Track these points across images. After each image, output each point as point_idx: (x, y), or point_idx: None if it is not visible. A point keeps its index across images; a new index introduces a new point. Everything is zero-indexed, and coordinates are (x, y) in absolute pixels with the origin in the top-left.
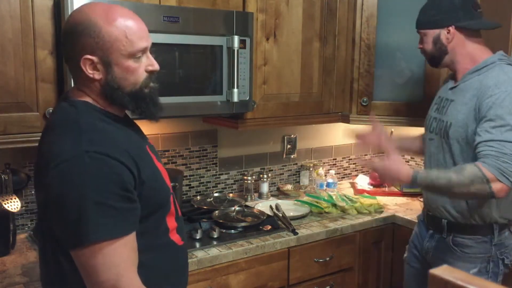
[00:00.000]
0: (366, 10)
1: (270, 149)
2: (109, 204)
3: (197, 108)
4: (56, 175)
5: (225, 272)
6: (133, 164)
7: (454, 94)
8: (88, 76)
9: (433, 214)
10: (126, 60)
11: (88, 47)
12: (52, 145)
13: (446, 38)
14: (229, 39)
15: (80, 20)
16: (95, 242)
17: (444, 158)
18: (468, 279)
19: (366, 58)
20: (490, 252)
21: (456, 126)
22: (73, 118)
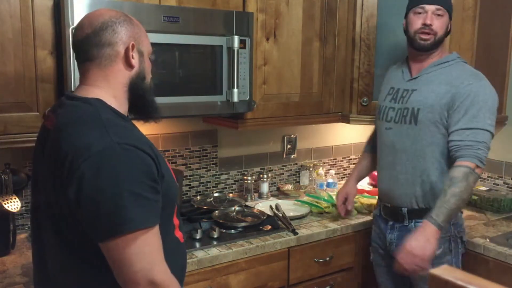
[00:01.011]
0: (366, 10)
1: (270, 149)
2: (142, 194)
3: (197, 108)
4: (91, 165)
5: (225, 272)
6: (155, 157)
7: (415, 84)
8: (126, 63)
9: (392, 205)
10: (147, 56)
11: (130, 35)
12: (77, 140)
13: (448, 27)
14: (229, 39)
15: (119, 14)
16: (131, 231)
17: (409, 142)
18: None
19: (366, 58)
20: (450, 231)
21: (425, 111)
22: (93, 114)
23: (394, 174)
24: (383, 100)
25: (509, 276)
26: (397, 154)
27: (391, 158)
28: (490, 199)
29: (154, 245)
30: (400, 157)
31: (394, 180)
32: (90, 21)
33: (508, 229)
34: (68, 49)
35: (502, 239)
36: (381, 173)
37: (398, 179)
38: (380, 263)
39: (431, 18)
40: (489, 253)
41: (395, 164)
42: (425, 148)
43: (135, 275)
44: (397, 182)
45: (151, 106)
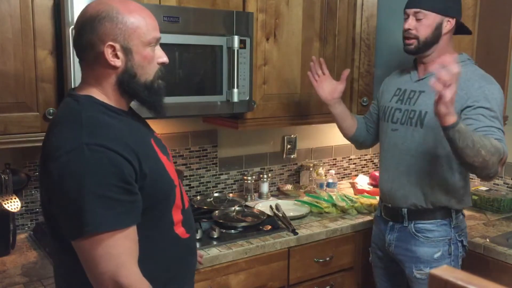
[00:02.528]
0: (366, 10)
1: (270, 149)
2: (109, 196)
3: (197, 108)
4: (57, 167)
5: (225, 272)
6: (134, 157)
7: (423, 85)
8: (107, 64)
9: (393, 205)
10: (145, 48)
11: (110, 34)
12: (53, 138)
13: (445, 27)
14: (229, 39)
15: (101, 8)
16: (95, 233)
17: (414, 144)
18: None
19: (366, 58)
20: (450, 234)
21: (433, 114)
22: (75, 112)
23: (396, 175)
24: (388, 101)
25: (509, 276)
26: (402, 155)
27: (395, 159)
28: (490, 199)
29: (123, 247)
30: (404, 158)
31: (396, 181)
32: (77, 20)
33: (508, 229)
34: (68, 49)
35: (502, 239)
36: (384, 173)
37: (400, 180)
38: (378, 264)
39: (410, 22)
40: (489, 253)
41: (398, 165)
42: (431, 150)
43: (101, 277)
44: (400, 183)
45: (149, 103)
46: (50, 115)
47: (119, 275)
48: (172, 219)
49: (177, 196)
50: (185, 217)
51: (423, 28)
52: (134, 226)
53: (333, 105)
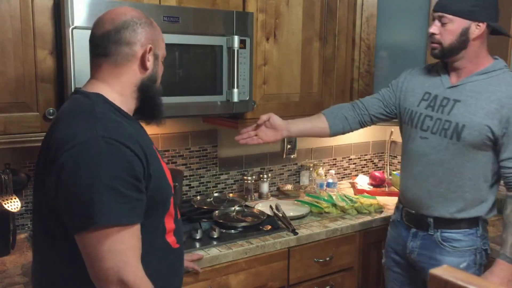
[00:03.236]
0: (366, 10)
1: (270, 149)
2: (120, 190)
3: (197, 108)
4: (71, 156)
5: (225, 272)
6: (143, 155)
7: (458, 94)
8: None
9: (417, 212)
10: (161, 61)
11: (150, 38)
12: (65, 130)
13: (473, 32)
14: (229, 39)
15: (141, 14)
16: (104, 226)
17: (448, 156)
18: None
19: (366, 58)
20: (476, 244)
21: (472, 129)
22: (88, 107)
23: (425, 186)
24: (416, 105)
25: None
26: (431, 166)
27: (422, 168)
28: None
29: (129, 243)
30: (435, 170)
31: (425, 191)
32: (112, 18)
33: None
34: (68, 49)
35: None
36: (409, 181)
37: (429, 190)
38: (392, 268)
39: (434, 26)
40: None
41: (427, 176)
42: (465, 164)
43: (105, 272)
44: (428, 192)
45: (158, 109)
46: (50, 115)
47: (125, 271)
48: (164, 227)
49: (171, 204)
50: (177, 227)
51: (447, 33)
52: (139, 224)
53: (287, 134)
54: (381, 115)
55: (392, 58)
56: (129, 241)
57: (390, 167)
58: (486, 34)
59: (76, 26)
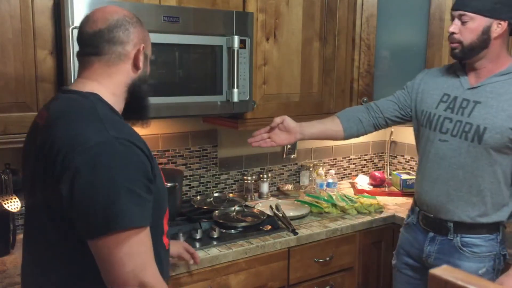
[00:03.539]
0: (366, 10)
1: (270, 149)
2: (137, 192)
3: (197, 108)
4: (86, 159)
5: (225, 272)
6: (150, 156)
7: (478, 95)
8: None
9: (435, 216)
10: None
11: (142, 38)
12: (71, 132)
13: (495, 31)
14: (229, 39)
15: (128, 13)
16: (126, 228)
17: (469, 160)
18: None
19: (366, 58)
20: (496, 249)
21: (493, 132)
22: (89, 107)
23: (445, 189)
24: (434, 107)
25: None
26: (452, 169)
27: (443, 171)
28: None
29: (147, 245)
30: (456, 173)
31: (445, 194)
32: (105, 16)
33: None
34: (68, 49)
35: None
36: (427, 184)
37: (450, 194)
38: (403, 271)
39: (454, 25)
40: None
41: (447, 179)
42: (487, 168)
43: (126, 276)
44: (448, 197)
45: (146, 110)
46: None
47: (145, 273)
48: (163, 228)
49: None
50: (169, 229)
51: (467, 32)
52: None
53: (301, 136)
54: (396, 118)
55: (392, 58)
56: (147, 242)
57: (390, 167)
58: (507, 33)
59: (76, 26)
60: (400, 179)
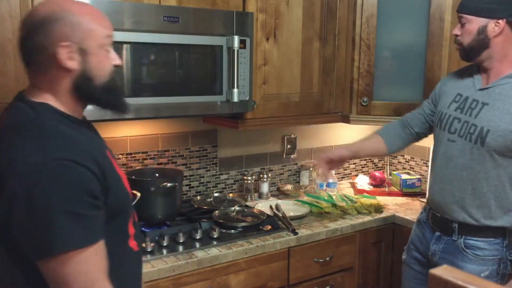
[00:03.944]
0: (366, 10)
1: (270, 149)
2: (78, 212)
3: (197, 108)
4: (22, 182)
5: (225, 272)
6: (99, 170)
7: (487, 96)
8: (61, 67)
9: (442, 216)
10: (100, 50)
11: (65, 35)
12: (12, 150)
13: (492, 30)
14: (229, 39)
15: (55, 9)
16: (65, 251)
17: (473, 162)
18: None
19: (366, 58)
20: (501, 254)
21: (496, 134)
22: (34, 122)
23: (450, 189)
24: (446, 107)
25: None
26: (457, 170)
27: (449, 172)
28: None
29: (94, 263)
30: (460, 174)
31: (450, 195)
32: (25, 21)
33: None
34: None
35: None
36: (436, 184)
37: (454, 195)
38: (412, 266)
39: (456, 28)
40: None
41: (453, 180)
42: (490, 171)
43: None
44: (453, 198)
45: (109, 104)
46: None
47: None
48: (128, 232)
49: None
50: (136, 231)
51: (466, 34)
52: (102, 241)
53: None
54: (426, 130)
55: (392, 58)
56: (93, 260)
57: (390, 167)
58: (507, 32)
59: None
60: (400, 179)
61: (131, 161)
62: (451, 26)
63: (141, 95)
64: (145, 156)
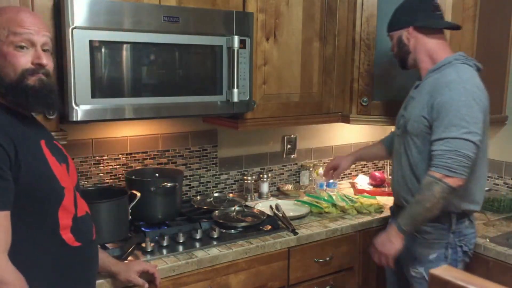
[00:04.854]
0: (366, 10)
1: (270, 149)
2: None
3: (197, 108)
4: None
5: (225, 272)
6: (9, 144)
7: (417, 92)
8: None
9: (399, 205)
10: (7, 47)
11: None
12: None
13: (406, 38)
14: (229, 39)
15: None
16: None
17: (403, 152)
18: (468, 279)
19: (366, 58)
20: (448, 239)
21: (412, 121)
22: None
23: (396, 178)
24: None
25: (509, 276)
26: (398, 159)
27: (394, 162)
28: (490, 199)
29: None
30: (399, 162)
31: (396, 183)
32: None
33: (508, 229)
34: (68, 49)
35: (502, 239)
36: (392, 176)
37: (399, 183)
38: None
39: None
40: (489, 253)
41: (397, 168)
42: (415, 157)
43: None
44: (399, 186)
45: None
46: (50, 114)
47: None
48: (57, 222)
49: (67, 201)
50: (75, 224)
51: (394, 47)
52: (4, 213)
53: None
54: None
55: (392, 58)
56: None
57: (390, 167)
58: (425, 34)
59: (76, 26)
60: None
61: (131, 161)
62: None
63: (141, 95)
64: (145, 156)
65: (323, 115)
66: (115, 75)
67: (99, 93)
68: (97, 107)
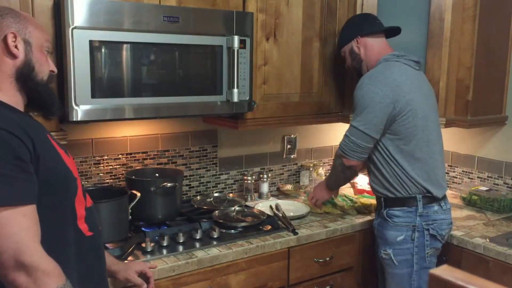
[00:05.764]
0: (366, 10)
1: (270, 149)
2: (6, 173)
3: (197, 108)
4: None
5: (225, 272)
6: (27, 138)
7: None
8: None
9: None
10: (41, 48)
11: (13, 26)
12: None
13: (356, 47)
14: (229, 39)
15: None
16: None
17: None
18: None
19: None
20: (415, 221)
21: None
22: None
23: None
24: None
25: (509, 276)
26: None
27: None
28: (490, 199)
29: (22, 225)
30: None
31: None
32: None
33: (508, 229)
34: (68, 49)
35: (502, 239)
36: None
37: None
38: None
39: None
40: (489, 253)
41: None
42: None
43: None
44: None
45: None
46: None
47: (21, 253)
48: (75, 212)
49: (80, 191)
50: (88, 214)
51: (347, 61)
52: (33, 205)
53: None
54: None
55: None
56: (21, 222)
57: None
58: (370, 38)
59: (76, 26)
60: None
61: (131, 161)
62: (451, 26)
63: (141, 95)
64: (145, 156)
65: (323, 115)
66: (115, 75)
67: (99, 93)
68: (97, 107)
